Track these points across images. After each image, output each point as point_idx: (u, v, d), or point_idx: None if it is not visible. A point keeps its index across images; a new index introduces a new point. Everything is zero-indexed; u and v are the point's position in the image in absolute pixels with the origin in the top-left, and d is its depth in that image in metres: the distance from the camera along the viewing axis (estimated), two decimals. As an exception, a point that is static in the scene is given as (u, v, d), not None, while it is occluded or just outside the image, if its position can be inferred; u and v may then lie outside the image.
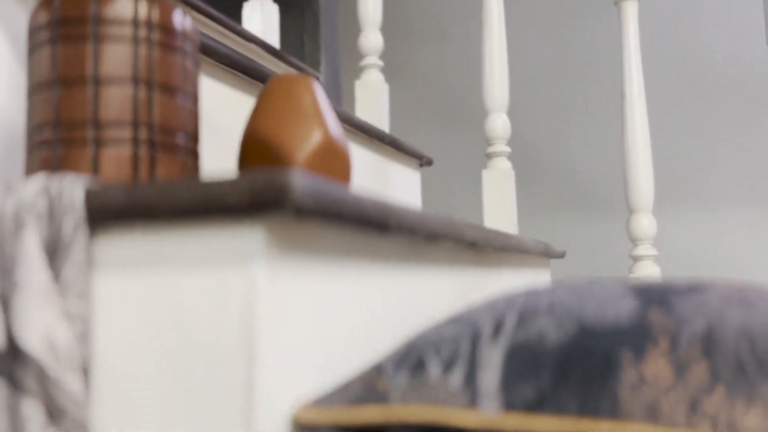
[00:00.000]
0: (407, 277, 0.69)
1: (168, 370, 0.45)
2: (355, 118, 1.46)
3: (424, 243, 0.72)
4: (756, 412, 0.40)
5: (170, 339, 0.45)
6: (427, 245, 0.73)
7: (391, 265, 0.65)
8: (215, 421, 0.44)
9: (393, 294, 0.65)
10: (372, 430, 0.47)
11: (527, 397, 0.44)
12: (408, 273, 0.69)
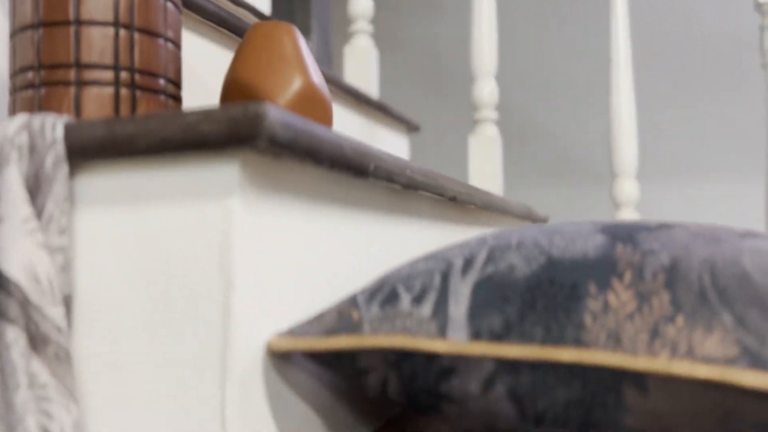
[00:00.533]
0: (389, 226, 0.70)
1: (147, 301, 0.47)
2: (342, 82, 1.46)
3: (404, 192, 0.73)
4: (714, 339, 0.42)
5: (150, 270, 0.47)
6: (409, 196, 0.75)
7: (372, 212, 0.66)
8: (193, 349, 0.45)
9: (374, 241, 0.66)
10: (343, 358, 0.48)
11: (494, 327, 0.46)
12: (390, 222, 0.70)
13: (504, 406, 0.46)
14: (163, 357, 0.46)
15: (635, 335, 0.43)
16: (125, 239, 0.47)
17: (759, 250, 0.47)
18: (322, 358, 0.49)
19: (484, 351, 0.45)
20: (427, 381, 0.47)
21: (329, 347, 0.47)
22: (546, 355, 0.44)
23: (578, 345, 0.44)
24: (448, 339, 0.46)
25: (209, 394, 0.45)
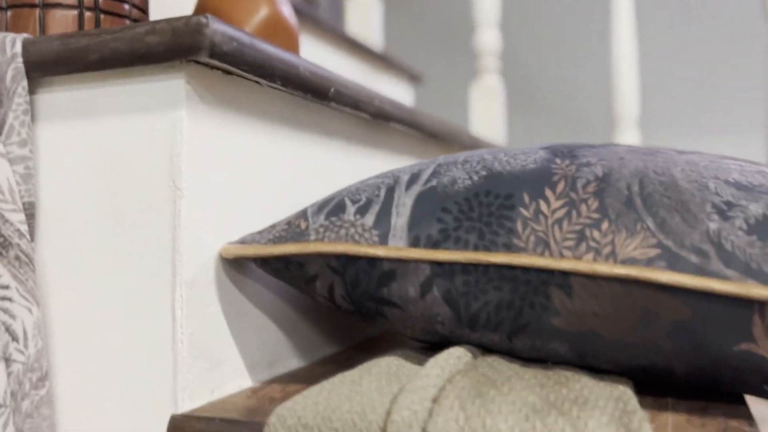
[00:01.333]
0: (361, 157, 0.72)
1: (104, 208, 0.49)
2: (344, 32, 1.47)
3: (375, 123, 0.74)
4: (636, 242, 0.43)
5: (105, 180, 0.49)
6: (381, 128, 0.76)
7: (340, 141, 0.68)
8: (146, 253, 0.48)
9: (344, 170, 0.68)
10: (291, 264, 0.51)
11: (432, 234, 0.48)
12: (362, 153, 0.72)
13: (441, 309, 0.48)
14: (119, 261, 0.49)
15: (562, 240, 0.45)
16: (83, 151, 0.50)
17: (693, 162, 0.48)
18: (272, 265, 0.51)
19: (421, 256, 0.47)
20: (369, 286, 0.49)
21: (275, 253, 0.49)
22: (478, 259, 0.46)
23: (509, 250, 0.46)
24: (388, 245, 0.48)
25: (161, 296, 0.47)
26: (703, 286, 0.41)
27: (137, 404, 0.48)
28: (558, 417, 0.38)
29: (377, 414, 0.40)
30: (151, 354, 0.48)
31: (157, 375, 0.47)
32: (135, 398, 0.48)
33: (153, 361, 0.48)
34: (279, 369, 0.58)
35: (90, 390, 0.49)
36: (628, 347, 0.45)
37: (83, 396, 0.49)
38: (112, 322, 0.49)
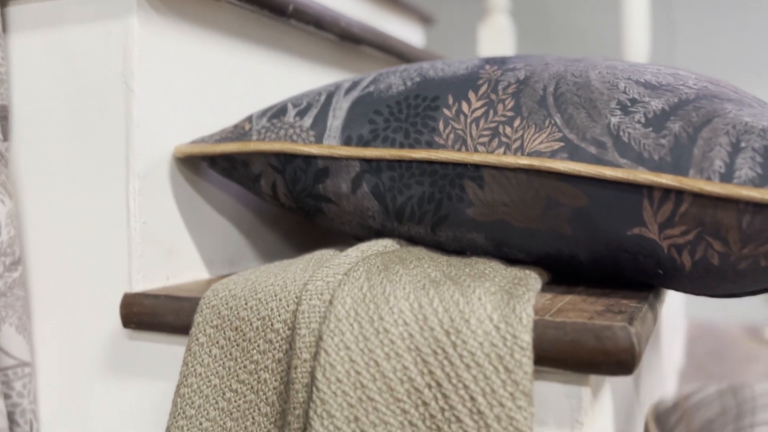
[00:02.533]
0: (326, 78, 0.75)
1: (68, 110, 0.54)
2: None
3: (343, 45, 0.77)
4: (542, 136, 0.47)
5: (69, 84, 0.54)
6: (351, 51, 0.79)
7: (306, 61, 0.71)
8: (103, 149, 0.53)
9: (304, 88, 0.72)
10: (237, 163, 0.55)
11: (363, 134, 0.51)
12: (327, 75, 0.75)
13: (370, 203, 0.52)
14: (81, 156, 0.53)
15: (478, 136, 0.48)
16: (49, 58, 0.54)
17: (612, 66, 0.51)
18: (220, 165, 0.55)
19: (351, 153, 0.51)
20: (306, 182, 0.53)
21: (219, 151, 0.53)
22: (401, 155, 0.50)
23: (430, 147, 0.49)
24: (322, 144, 0.52)
25: (116, 187, 0.52)
26: (597, 173, 0.44)
27: (98, 284, 0.53)
28: (452, 285, 0.42)
29: (296, 285, 0.45)
30: (109, 240, 0.53)
31: (115, 259, 0.53)
32: (96, 280, 0.53)
33: (111, 247, 0.53)
34: (239, 268, 0.63)
35: (58, 273, 0.55)
36: (536, 235, 0.49)
37: (52, 279, 0.55)
38: (76, 212, 0.54)
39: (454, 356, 0.40)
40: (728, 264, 0.44)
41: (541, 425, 0.41)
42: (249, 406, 0.44)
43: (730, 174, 0.41)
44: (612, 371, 0.39)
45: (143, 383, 0.52)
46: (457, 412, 0.39)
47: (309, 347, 0.42)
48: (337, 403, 0.40)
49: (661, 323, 0.89)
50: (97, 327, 0.54)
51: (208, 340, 0.46)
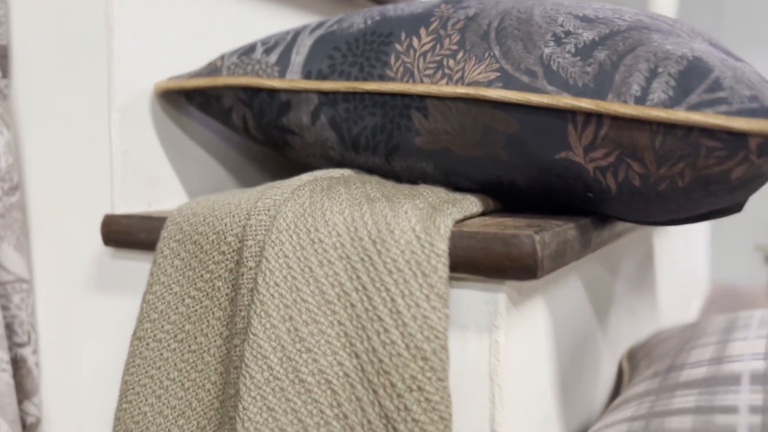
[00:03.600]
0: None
1: (57, 49, 0.59)
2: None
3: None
4: (482, 68, 0.49)
5: (57, 23, 0.59)
6: (345, 3, 0.83)
7: (285, 6, 0.75)
8: (88, 83, 0.58)
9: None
10: (210, 98, 0.59)
11: (322, 68, 0.55)
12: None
13: (329, 134, 0.56)
14: (69, 90, 0.59)
15: (424, 69, 0.51)
16: (41, 1, 0.59)
17: (558, 2, 0.53)
18: (197, 100, 0.60)
19: (310, 86, 0.55)
20: (271, 115, 0.57)
21: (192, 85, 0.58)
22: (354, 87, 0.53)
23: (381, 79, 0.53)
24: (285, 78, 0.56)
25: (99, 119, 0.57)
26: (524, 99, 0.47)
27: (86, 208, 0.59)
28: (385, 203, 0.46)
29: (248, 203, 0.49)
30: (94, 168, 0.58)
31: (99, 185, 0.58)
32: (84, 204, 0.59)
33: (96, 174, 0.58)
34: (223, 200, 0.68)
35: (51, 198, 0.60)
36: (477, 162, 0.52)
37: (47, 203, 0.61)
38: (66, 142, 0.59)
39: (379, 263, 0.43)
40: (649, 185, 0.46)
41: (462, 330, 0.45)
42: (205, 310, 0.49)
43: (644, 97, 0.44)
44: (518, 276, 0.42)
45: (124, 297, 0.58)
46: (379, 312, 0.43)
47: (254, 256, 0.47)
48: (274, 305, 0.44)
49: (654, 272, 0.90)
50: (86, 247, 0.59)
51: (171, 253, 0.51)
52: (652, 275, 0.90)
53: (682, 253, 1.14)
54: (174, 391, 0.49)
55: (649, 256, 0.88)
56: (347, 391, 0.43)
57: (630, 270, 0.77)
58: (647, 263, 0.87)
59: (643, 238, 0.82)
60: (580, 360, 0.60)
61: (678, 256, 1.10)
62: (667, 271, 0.99)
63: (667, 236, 0.98)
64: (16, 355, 0.60)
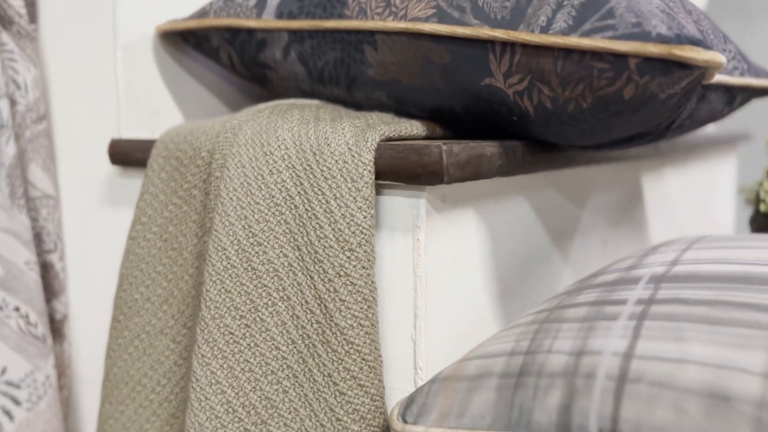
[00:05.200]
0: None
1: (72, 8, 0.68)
2: None
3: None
4: (422, 5, 0.56)
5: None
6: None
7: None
8: (96, 26, 0.67)
9: None
10: (200, 39, 0.68)
11: (292, 10, 0.63)
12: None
13: (298, 68, 0.64)
14: (84, 33, 0.68)
15: (375, 7, 0.58)
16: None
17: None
18: (191, 41, 0.69)
19: (281, 25, 0.62)
20: (251, 52, 0.65)
21: (184, 27, 0.66)
22: (317, 26, 0.61)
23: (340, 17, 0.60)
24: (260, 19, 0.64)
25: (106, 57, 0.67)
26: (452, 32, 0.53)
27: (98, 135, 0.68)
28: (329, 122, 0.54)
29: (219, 124, 0.58)
30: (104, 99, 0.67)
31: (109, 115, 0.67)
32: (97, 131, 0.68)
33: (105, 105, 0.67)
34: (223, 132, 0.76)
35: (71, 126, 0.70)
36: (420, 90, 0.59)
37: (68, 131, 0.71)
38: (82, 77, 0.69)
39: (317, 171, 0.51)
40: (559, 107, 0.52)
41: (392, 230, 0.53)
42: (184, 215, 0.58)
43: (548, 26, 0.50)
44: (429, 181, 0.49)
45: (129, 209, 0.67)
46: (316, 212, 0.51)
47: (220, 167, 0.55)
48: (232, 206, 0.53)
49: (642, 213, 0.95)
50: (98, 167, 0.69)
51: (158, 167, 0.60)
52: (639, 215, 0.95)
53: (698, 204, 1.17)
54: (159, 282, 0.59)
55: (636, 196, 0.92)
56: (290, 277, 0.52)
57: (603, 203, 0.82)
58: (633, 202, 0.91)
59: (622, 175, 0.87)
60: (528, 274, 0.67)
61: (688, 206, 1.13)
62: (665, 216, 1.03)
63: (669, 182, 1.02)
64: (45, 261, 0.72)
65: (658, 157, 0.99)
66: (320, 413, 0.50)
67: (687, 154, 1.12)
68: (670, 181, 1.07)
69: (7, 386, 0.67)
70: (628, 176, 0.90)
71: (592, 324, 0.48)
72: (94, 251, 0.71)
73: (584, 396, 0.44)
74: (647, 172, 0.97)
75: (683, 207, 1.16)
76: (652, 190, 0.99)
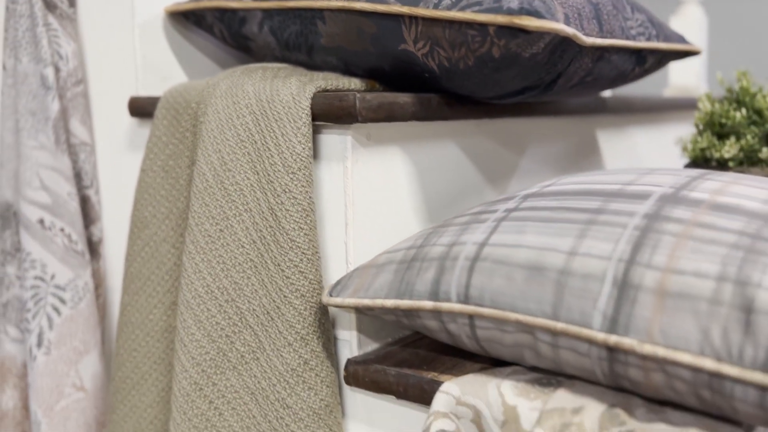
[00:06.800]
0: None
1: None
2: None
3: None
4: (358, -12, 0.73)
5: (102, -30, 0.87)
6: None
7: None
8: (120, 10, 0.86)
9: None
10: (198, 18, 0.86)
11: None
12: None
13: (270, 39, 0.81)
14: (108, 14, 0.87)
15: (324, -10, 0.75)
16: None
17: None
18: (192, 20, 0.87)
19: (255, 5, 0.80)
20: (235, 27, 0.83)
21: (185, 8, 0.85)
22: (282, 5, 0.78)
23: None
24: (241, 0, 0.81)
25: (125, 34, 0.85)
26: (374, 8, 0.70)
27: (122, 93, 0.87)
28: (283, 78, 0.71)
29: (205, 82, 0.76)
30: (125, 67, 0.86)
31: (129, 78, 0.86)
32: (120, 90, 0.87)
33: (126, 71, 0.86)
34: (223, 93, 0.95)
35: (102, 87, 0.90)
36: (359, 54, 0.75)
37: (101, 90, 0.90)
38: (108, 49, 0.88)
39: (270, 114, 0.69)
40: (454, 65, 0.68)
41: (329, 160, 0.70)
42: (180, 151, 0.77)
43: (438, 4, 0.66)
44: (348, 121, 0.66)
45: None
46: (269, 145, 0.69)
47: (203, 114, 0.74)
48: (210, 143, 0.71)
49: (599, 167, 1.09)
50: (122, 120, 0.88)
51: (161, 116, 0.78)
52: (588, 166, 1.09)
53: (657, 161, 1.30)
54: (162, 202, 0.78)
55: (587, 148, 1.07)
56: (251, 194, 0.69)
57: (548, 152, 0.97)
58: (583, 154, 1.06)
59: (569, 130, 1.02)
60: (461, 204, 0.83)
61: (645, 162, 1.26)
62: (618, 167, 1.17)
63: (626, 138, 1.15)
64: (84, 195, 0.91)
65: (615, 115, 1.13)
66: (273, 293, 0.68)
67: (649, 114, 1.25)
68: (627, 137, 1.21)
69: (55, 289, 0.87)
70: (581, 130, 1.05)
71: (468, 226, 0.65)
72: (122, 187, 0.90)
73: (449, 272, 0.61)
74: (604, 128, 1.11)
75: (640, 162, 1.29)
76: (607, 144, 1.13)
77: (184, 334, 0.69)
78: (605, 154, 1.11)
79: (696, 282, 0.51)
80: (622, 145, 1.16)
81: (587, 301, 0.54)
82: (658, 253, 0.53)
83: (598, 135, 1.10)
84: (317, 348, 0.67)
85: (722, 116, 0.90)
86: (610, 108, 1.07)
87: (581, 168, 1.06)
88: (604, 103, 1.05)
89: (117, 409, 0.79)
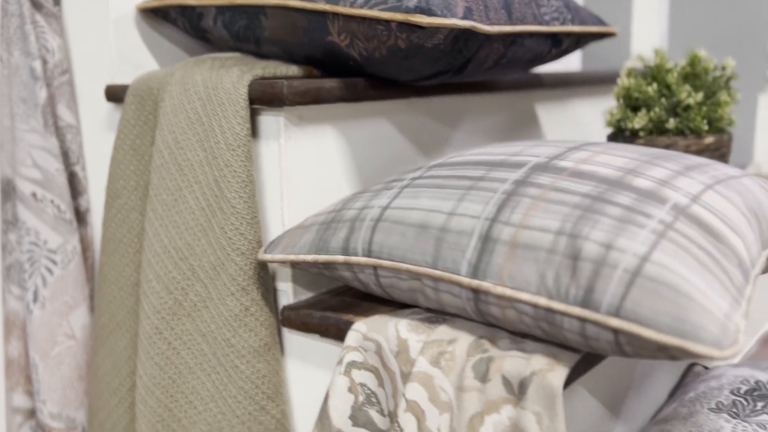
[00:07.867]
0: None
1: (81, -13, 0.99)
2: None
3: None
4: (292, -12, 0.84)
5: (80, -28, 0.99)
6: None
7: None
8: (95, 7, 0.97)
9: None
10: (166, 13, 0.97)
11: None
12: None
13: (223, 33, 0.93)
14: (88, 11, 0.99)
15: (266, -11, 0.86)
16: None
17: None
18: (160, 15, 0.98)
19: (209, 2, 0.91)
20: (195, 21, 0.95)
21: (152, 5, 0.96)
22: (231, 2, 0.89)
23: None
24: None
25: (100, 26, 0.97)
26: (303, 6, 0.81)
27: (100, 81, 1.00)
28: (226, 68, 0.83)
29: (165, 73, 0.88)
30: (101, 57, 0.98)
31: (105, 69, 0.98)
32: (98, 79, 1.00)
33: (103, 61, 0.99)
34: (192, 79, 1.07)
35: (84, 77, 1.02)
36: (298, 44, 0.87)
37: (84, 81, 1.02)
38: (88, 42, 1.00)
39: (214, 99, 0.81)
40: (371, 54, 0.79)
41: (267, 139, 0.82)
42: (144, 132, 0.89)
43: (354, 2, 0.77)
44: (278, 104, 0.78)
45: (122, 134, 0.99)
46: (213, 126, 0.81)
47: (161, 100, 0.86)
48: (166, 124, 0.83)
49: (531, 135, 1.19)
50: (102, 105, 1.01)
51: (130, 101, 0.91)
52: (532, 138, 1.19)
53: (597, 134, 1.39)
54: (131, 176, 0.90)
55: (526, 122, 1.17)
56: (200, 168, 0.82)
57: (483, 126, 1.08)
58: (525, 127, 1.16)
59: (505, 104, 1.12)
60: (393, 173, 0.95)
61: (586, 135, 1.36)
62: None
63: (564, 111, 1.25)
64: (71, 171, 1.04)
65: (554, 89, 1.23)
66: (218, 251, 0.81)
67: (590, 87, 1.35)
68: (567, 109, 1.31)
69: (48, 252, 1.00)
70: (518, 104, 1.15)
71: (379, 192, 0.76)
72: (104, 163, 1.03)
73: (357, 231, 0.73)
74: (543, 101, 1.21)
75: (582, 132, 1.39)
76: (547, 117, 1.23)
77: (146, 287, 0.81)
78: (544, 125, 1.21)
79: (539, 235, 0.62)
80: (561, 116, 1.26)
81: (458, 252, 0.65)
82: (516, 212, 0.65)
83: (537, 108, 1.20)
84: (257, 297, 0.80)
85: (636, 90, 1.00)
86: (547, 83, 1.17)
87: (519, 138, 1.16)
88: (540, 78, 1.15)
89: (98, 351, 0.93)
